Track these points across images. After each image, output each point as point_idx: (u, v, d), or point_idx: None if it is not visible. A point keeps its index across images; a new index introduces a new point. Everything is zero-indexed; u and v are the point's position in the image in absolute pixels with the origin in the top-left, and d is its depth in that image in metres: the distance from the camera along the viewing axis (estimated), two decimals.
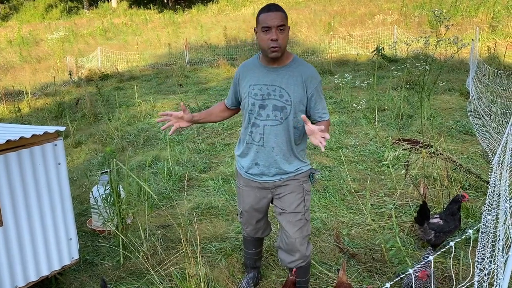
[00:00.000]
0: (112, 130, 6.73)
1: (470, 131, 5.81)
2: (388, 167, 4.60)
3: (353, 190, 4.26)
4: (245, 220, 2.64)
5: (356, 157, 5.17)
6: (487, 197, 3.21)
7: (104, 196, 3.42)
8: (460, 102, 7.38)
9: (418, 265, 2.31)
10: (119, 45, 19.58)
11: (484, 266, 1.99)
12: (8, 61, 18.78)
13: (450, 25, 3.54)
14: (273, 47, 2.14)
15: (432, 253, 2.57)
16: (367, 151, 5.33)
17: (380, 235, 3.22)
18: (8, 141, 2.46)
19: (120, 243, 3.31)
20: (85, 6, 30.71)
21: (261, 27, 2.13)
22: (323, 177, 4.59)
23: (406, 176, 4.21)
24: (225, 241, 3.48)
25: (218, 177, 4.78)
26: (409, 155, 4.66)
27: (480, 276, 1.90)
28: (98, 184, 3.79)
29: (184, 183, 4.64)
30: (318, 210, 3.91)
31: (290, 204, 2.38)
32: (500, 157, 3.98)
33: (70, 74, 12.68)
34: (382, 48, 6.16)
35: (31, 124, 5.53)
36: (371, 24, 16.40)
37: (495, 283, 1.82)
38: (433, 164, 4.32)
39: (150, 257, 3.29)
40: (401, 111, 6.56)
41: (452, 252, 1.33)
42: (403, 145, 5.14)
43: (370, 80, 6.31)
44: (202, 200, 4.25)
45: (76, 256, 2.99)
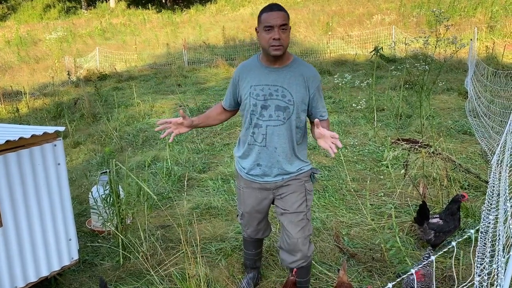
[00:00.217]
0: (111, 130, 6.72)
1: (469, 131, 5.83)
2: (387, 167, 4.60)
3: (353, 190, 4.26)
4: (246, 222, 2.63)
5: (355, 157, 5.18)
6: (487, 197, 3.21)
7: (104, 197, 3.41)
8: (459, 102, 7.39)
9: (420, 265, 2.31)
10: (118, 45, 19.55)
11: (484, 266, 1.99)
12: (6, 61, 18.73)
13: (450, 25, 3.54)
14: (275, 46, 2.13)
15: (432, 253, 2.57)
16: (366, 151, 5.34)
17: (380, 235, 3.22)
18: (8, 142, 2.46)
19: (120, 244, 3.30)
20: (83, 6, 30.65)
21: (263, 26, 2.13)
22: (323, 177, 4.59)
23: (406, 176, 4.21)
24: (225, 241, 3.47)
25: (218, 177, 4.77)
26: (408, 155, 4.66)
27: (481, 276, 1.90)
28: (98, 185, 3.78)
29: (184, 183, 4.63)
30: (318, 210, 3.91)
31: (292, 204, 2.38)
32: (499, 157, 3.99)
33: (69, 74, 12.65)
34: (381, 48, 6.15)
35: (30, 125, 5.52)
36: (370, 24, 16.41)
37: (496, 283, 1.82)
38: (432, 164, 4.32)
39: (150, 258, 3.28)
40: (400, 111, 6.57)
41: (454, 252, 1.33)
42: (402, 145, 5.14)
43: (370, 80, 6.31)
44: (202, 200, 4.24)
45: (76, 257, 2.98)
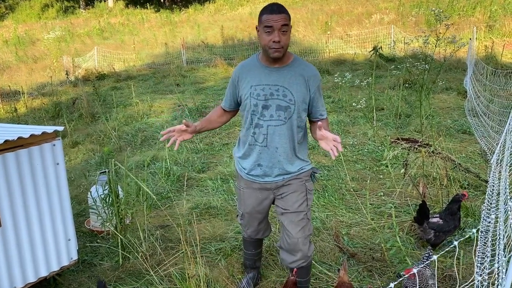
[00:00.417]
0: (110, 130, 6.71)
1: (468, 130, 5.83)
2: (387, 167, 4.60)
3: (352, 190, 4.25)
4: (246, 222, 2.62)
5: (355, 157, 5.17)
6: (486, 196, 3.21)
7: (103, 197, 3.40)
8: (458, 101, 7.39)
9: (422, 265, 2.30)
10: (116, 45, 19.51)
11: (485, 266, 1.99)
12: (4, 61, 18.67)
13: (450, 24, 3.54)
14: (275, 48, 2.12)
15: (432, 253, 2.56)
16: (366, 151, 5.33)
17: (380, 235, 3.21)
18: (6, 141, 2.45)
19: (119, 244, 3.29)
20: (82, 6, 30.60)
21: (264, 27, 2.11)
22: (322, 177, 4.59)
23: (405, 175, 4.20)
24: (225, 241, 3.46)
25: (217, 177, 4.76)
26: (408, 154, 4.65)
27: (482, 276, 1.89)
28: (97, 184, 3.77)
29: (183, 183, 4.63)
30: (317, 210, 3.90)
31: (293, 204, 2.37)
32: (499, 156, 3.99)
33: (67, 74, 12.60)
34: (380, 48, 6.15)
35: (28, 124, 5.50)
36: (368, 24, 16.41)
37: (497, 283, 1.81)
38: (432, 163, 4.32)
39: (149, 258, 3.27)
40: (399, 111, 6.57)
41: (456, 252, 1.32)
42: (402, 144, 5.14)
43: (370, 79, 6.30)
44: (201, 200, 4.23)
45: (75, 257, 2.97)
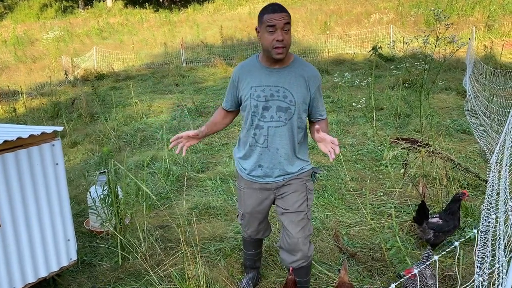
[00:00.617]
0: (109, 130, 6.70)
1: (468, 130, 5.83)
2: (387, 166, 4.60)
3: (352, 190, 4.25)
4: (246, 222, 2.62)
5: (354, 157, 5.17)
6: (486, 196, 3.21)
7: (102, 197, 3.39)
8: (457, 101, 7.39)
9: (423, 265, 2.30)
10: (115, 45, 19.48)
11: (485, 266, 1.99)
12: (3, 61, 18.64)
13: (449, 24, 3.54)
14: (278, 47, 2.11)
15: (432, 253, 2.56)
16: (365, 150, 5.33)
17: (380, 235, 3.21)
18: (5, 142, 2.44)
19: (118, 244, 3.28)
20: (80, 6, 30.56)
21: (266, 26, 2.10)
22: (322, 177, 4.58)
23: (405, 175, 4.20)
24: (224, 241, 3.46)
25: (216, 177, 4.76)
26: (408, 154, 4.66)
27: (482, 276, 1.89)
28: (96, 185, 3.76)
29: (183, 183, 4.62)
30: (317, 210, 3.90)
31: (293, 203, 2.37)
32: (498, 156, 3.99)
33: (66, 74, 12.58)
34: (379, 47, 6.15)
35: (27, 124, 5.49)
36: (368, 23, 16.41)
37: (497, 283, 1.81)
38: (432, 163, 4.32)
39: (149, 258, 3.27)
40: (399, 110, 6.57)
41: (457, 252, 1.32)
42: (401, 144, 5.14)
43: (369, 79, 6.31)
44: (201, 200, 4.23)
45: (74, 257, 2.96)
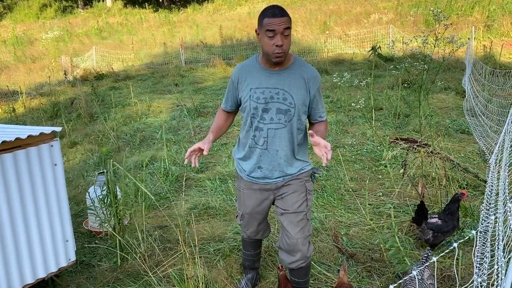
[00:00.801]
0: (108, 130, 6.69)
1: (467, 130, 5.83)
2: (386, 167, 4.60)
3: (351, 190, 4.25)
4: (246, 223, 2.61)
5: (354, 157, 5.17)
6: (485, 196, 3.21)
7: (101, 197, 3.39)
8: (456, 101, 7.39)
9: (422, 266, 2.29)
10: (114, 45, 19.47)
11: (484, 266, 1.99)
12: (2, 61, 18.63)
13: (449, 24, 3.54)
14: (278, 53, 2.10)
15: (431, 253, 2.56)
16: (365, 151, 5.33)
17: (379, 235, 3.21)
18: (4, 142, 2.43)
19: (117, 244, 3.28)
20: (80, 6, 30.55)
21: (266, 30, 2.08)
22: (321, 177, 4.58)
23: (404, 176, 4.20)
24: (223, 242, 3.46)
25: (215, 177, 4.75)
26: (407, 154, 4.65)
27: (481, 277, 1.89)
28: (95, 185, 3.76)
29: (182, 183, 4.61)
30: (316, 210, 3.90)
31: (293, 204, 2.36)
32: (497, 156, 3.99)
33: (65, 74, 12.57)
34: (379, 47, 6.15)
35: (26, 124, 5.48)
36: (367, 23, 16.41)
37: (496, 283, 1.81)
38: (431, 163, 4.32)
39: (148, 258, 3.26)
40: (398, 110, 6.56)
41: (456, 253, 1.31)
42: (401, 144, 5.14)
43: (369, 79, 6.30)
44: (200, 201, 4.23)
45: (73, 258, 2.96)
